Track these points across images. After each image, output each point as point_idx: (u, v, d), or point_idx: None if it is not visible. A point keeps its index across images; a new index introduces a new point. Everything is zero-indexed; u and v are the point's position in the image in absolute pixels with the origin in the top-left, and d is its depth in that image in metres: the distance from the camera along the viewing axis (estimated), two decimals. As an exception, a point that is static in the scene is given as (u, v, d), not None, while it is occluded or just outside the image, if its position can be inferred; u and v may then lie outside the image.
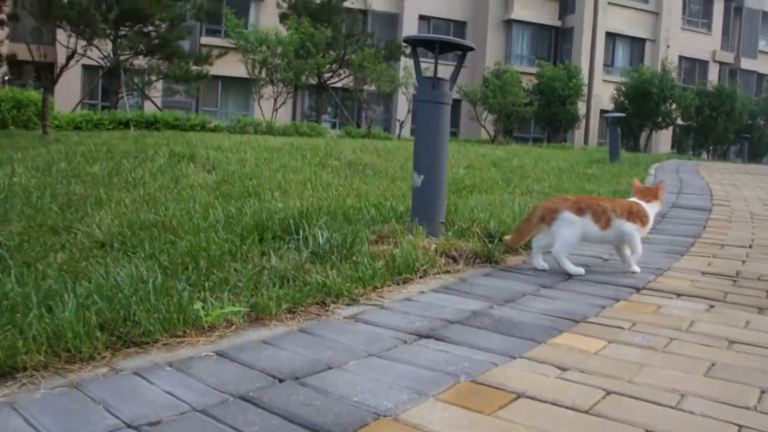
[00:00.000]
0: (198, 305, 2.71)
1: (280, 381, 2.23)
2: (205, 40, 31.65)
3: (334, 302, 3.11)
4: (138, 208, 4.75)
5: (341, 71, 28.05)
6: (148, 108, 25.33)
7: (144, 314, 2.60)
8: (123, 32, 23.66)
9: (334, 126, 31.54)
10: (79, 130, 18.62)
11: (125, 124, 19.69)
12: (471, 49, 4.60)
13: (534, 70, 34.41)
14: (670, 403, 2.10)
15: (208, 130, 20.32)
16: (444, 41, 4.48)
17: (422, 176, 4.36)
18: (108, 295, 2.73)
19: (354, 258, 3.61)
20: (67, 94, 24.40)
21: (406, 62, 28.70)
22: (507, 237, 4.17)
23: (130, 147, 9.75)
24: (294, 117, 30.98)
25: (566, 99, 31.41)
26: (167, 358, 2.41)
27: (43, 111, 13.37)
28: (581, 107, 32.31)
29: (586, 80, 32.21)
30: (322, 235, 3.82)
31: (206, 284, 3.05)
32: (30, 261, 3.37)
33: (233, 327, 2.73)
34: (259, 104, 26.00)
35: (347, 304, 3.12)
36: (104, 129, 19.19)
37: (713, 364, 2.49)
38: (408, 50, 28.94)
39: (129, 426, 1.90)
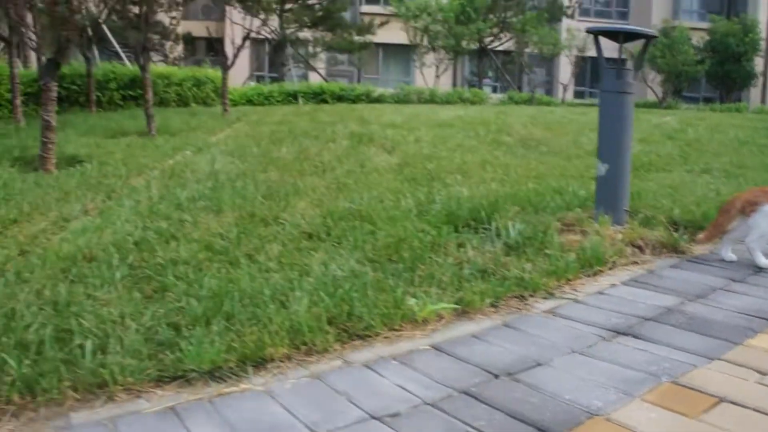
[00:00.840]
0: (412, 301, 2.99)
1: (496, 377, 2.47)
2: (365, 8, 32.20)
3: (531, 296, 3.32)
4: (333, 195, 5.11)
5: (502, 35, 27.79)
6: (313, 78, 26.21)
7: (365, 310, 2.90)
8: (288, 6, 24.57)
9: (494, 90, 31.33)
10: (251, 103, 19.60)
11: (293, 97, 20.52)
12: (655, 36, 4.63)
13: (705, 25, 32.66)
14: None
15: (372, 99, 20.85)
16: (628, 31, 4.54)
17: (606, 165, 4.46)
18: (330, 291, 3.05)
19: (545, 250, 3.79)
20: (237, 68, 25.53)
21: (568, 24, 28.14)
22: (701, 235, 4.19)
23: (307, 125, 10.26)
24: (455, 83, 31.08)
25: (741, 55, 29.66)
26: (390, 352, 2.70)
27: (222, 91, 14.24)
28: (758, 63, 30.49)
29: (764, 34, 30.34)
30: (513, 227, 4.01)
31: (414, 278, 3.33)
32: (250, 253, 3.75)
33: (443, 321, 2.99)
34: (421, 71, 26.32)
35: (544, 298, 3.32)
36: (274, 101, 20.10)
37: None
38: (570, 11, 28.58)
39: (373, 417, 2.19)
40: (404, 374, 2.50)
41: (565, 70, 30.52)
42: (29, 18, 12.49)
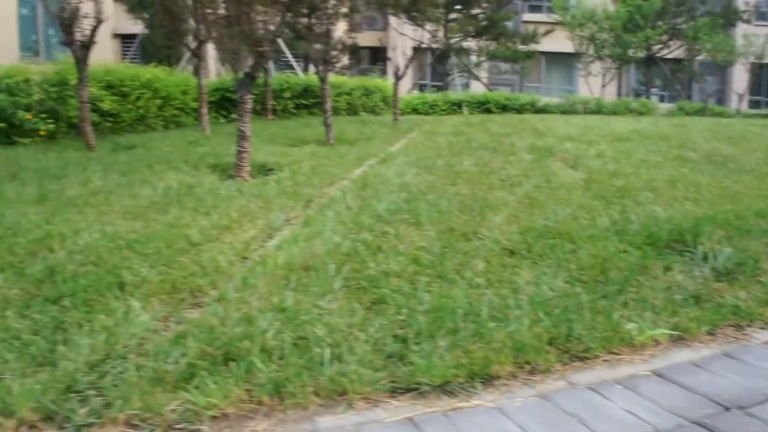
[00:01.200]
0: (631, 325, 3.01)
1: (727, 409, 2.46)
2: (528, 16, 31.87)
3: (748, 325, 3.24)
4: (526, 211, 5.15)
5: (671, 42, 26.81)
6: (474, 87, 26.33)
7: (585, 332, 2.95)
8: (452, 17, 24.90)
9: (662, 99, 30.26)
10: (416, 112, 19.93)
11: (457, 105, 20.70)
12: None
13: None
14: None
15: (537, 109, 20.72)
16: None
17: (817, 189, 4.30)
18: (548, 311, 3.12)
19: (758, 277, 3.69)
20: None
21: (745, 29, 26.81)
22: None
23: (483, 137, 10.37)
24: (619, 92, 30.26)
25: None
26: (612, 375, 2.74)
27: (393, 100, 14.65)
28: None
29: None
30: (722, 251, 3.93)
31: (626, 301, 3.33)
32: (456, 268, 3.85)
33: (659, 346, 3.00)
34: (585, 80, 25.89)
35: (761, 328, 3.24)
36: (438, 110, 20.34)
37: None
38: (746, 15, 27.13)
39: (608, 441, 2.25)
40: (630, 399, 2.54)
41: (739, 79, 29.01)
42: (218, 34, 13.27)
